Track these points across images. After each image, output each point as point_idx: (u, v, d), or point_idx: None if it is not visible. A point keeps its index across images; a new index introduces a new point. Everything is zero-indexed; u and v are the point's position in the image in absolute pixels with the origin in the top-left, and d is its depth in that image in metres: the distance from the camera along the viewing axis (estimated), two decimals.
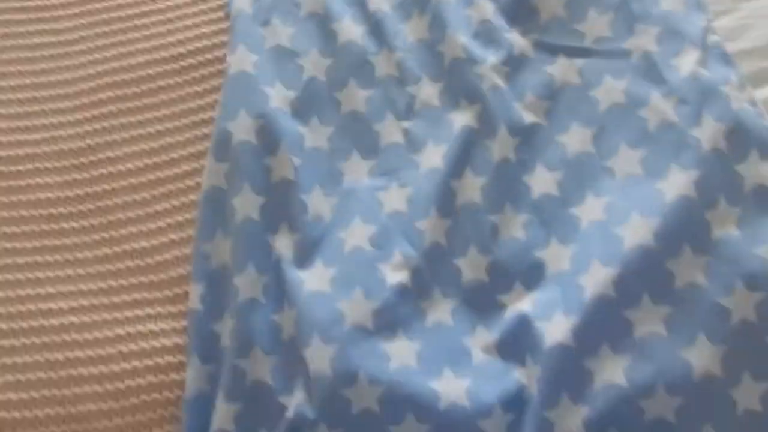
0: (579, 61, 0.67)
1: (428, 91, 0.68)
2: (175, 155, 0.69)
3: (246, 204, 0.63)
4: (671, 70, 0.63)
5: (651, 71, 0.64)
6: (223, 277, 0.61)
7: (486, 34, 0.69)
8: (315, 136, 0.67)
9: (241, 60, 0.69)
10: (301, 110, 0.68)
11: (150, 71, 0.72)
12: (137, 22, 0.75)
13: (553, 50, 0.68)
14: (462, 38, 0.69)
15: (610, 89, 0.65)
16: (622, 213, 0.58)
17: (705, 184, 0.58)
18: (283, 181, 0.64)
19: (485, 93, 0.66)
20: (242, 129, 0.65)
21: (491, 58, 0.68)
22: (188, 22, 0.75)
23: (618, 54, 0.66)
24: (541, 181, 0.63)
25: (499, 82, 0.66)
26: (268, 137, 0.65)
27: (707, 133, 0.59)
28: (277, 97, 0.68)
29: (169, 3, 0.76)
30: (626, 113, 0.63)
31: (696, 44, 0.64)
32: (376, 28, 0.71)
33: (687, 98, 0.62)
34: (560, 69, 0.67)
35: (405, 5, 0.73)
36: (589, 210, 0.60)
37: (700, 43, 0.64)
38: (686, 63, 0.63)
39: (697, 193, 0.57)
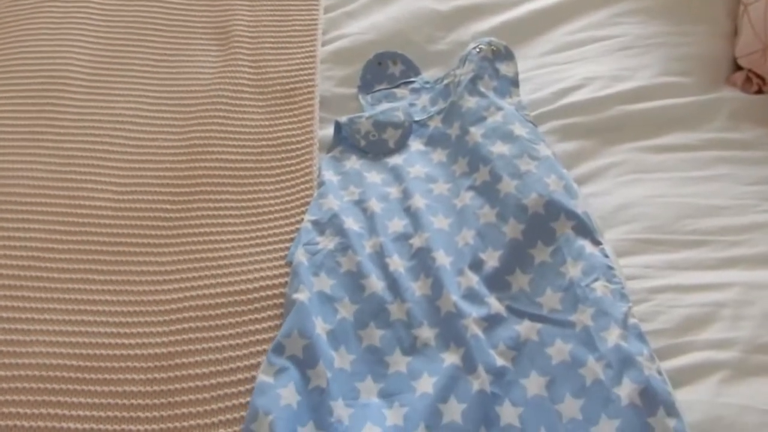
0: (538, 325, 0.86)
1: (427, 334, 0.87)
2: (233, 366, 0.85)
3: (288, 396, 0.79)
4: (602, 341, 0.81)
5: (588, 340, 0.82)
6: None
7: (471, 297, 0.88)
8: (341, 360, 0.85)
9: (302, 296, 0.87)
10: (334, 340, 0.86)
11: (223, 300, 0.90)
12: (220, 262, 0.94)
13: (520, 314, 0.87)
14: (454, 297, 0.88)
15: (560, 349, 0.83)
16: None
17: (625, 431, 0.74)
18: (317, 388, 0.81)
19: (468, 340, 0.84)
20: (293, 345, 0.83)
21: (474, 314, 0.86)
22: (257, 266, 0.94)
23: (566, 324, 0.85)
24: (508, 413, 0.79)
25: (479, 332, 0.85)
26: (311, 354, 0.83)
27: (625, 391, 0.76)
28: (319, 326, 0.86)
29: (244, 251, 0.96)
30: (570, 370, 0.81)
31: (619, 324, 0.82)
32: (393, 284, 0.91)
33: (612, 363, 0.79)
34: (525, 328, 0.86)
35: (415, 269, 0.92)
36: None
37: (623, 324, 0.82)
38: (612, 337, 0.81)
39: None
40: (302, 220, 0.99)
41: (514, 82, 1.12)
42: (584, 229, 0.92)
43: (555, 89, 1.13)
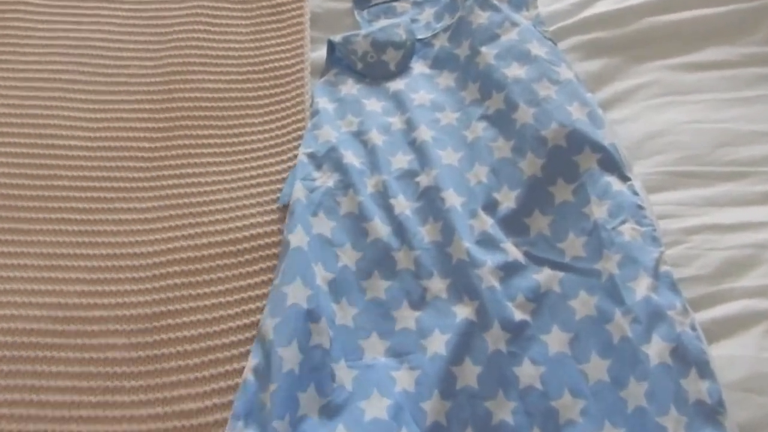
0: (560, 274, 0.77)
1: (438, 286, 0.78)
2: (225, 326, 0.77)
3: (290, 358, 0.70)
4: (629, 293, 0.72)
5: (614, 291, 0.73)
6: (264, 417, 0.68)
7: (486, 243, 0.79)
8: (343, 314, 0.76)
9: (299, 239, 0.78)
10: (335, 291, 0.77)
11: (210, 251, 0.80)
12: (205, 208, 0.84)
13: (539, 261, 0.78)
14: (466, 244, 0.78)
15: (585, 302, 0.74)
16: (596, 420, 0.67)
17: (656, 395, 0.66)
18: (319, 347, 0.72)
19: (483, 292, 0.75)
20: (296, 294, 0.74)
21: (489, 262, 0.77)
22: (246, 211, 0.84)
23: (590, 273, 0.76)
24: (527, 374, 0.71)
25: (495, 283, 0.76)
26: (315, 308, 0.74)
27: (655, 349, 0.68)
28: (320, 276, 0.77)
29: (231, 195, 0.85)
30: (596, 325, 0.72)
31: (649, 272, 0.73)
32: (399, 228, 0.81)
33: (640, 318, 0.70)
34: (545, 277, 0.77)
35: (422, 211, 0.82)
36: (567, 409, 0.68)
37: (653, 272, 0.73)
38: (641, 288, 0.72)
39: (650, 404, 0.66)
40: (294, 156, 0.89)
41: None
42: (611, 162, 0.81)
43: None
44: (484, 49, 0.92)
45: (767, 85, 0.90)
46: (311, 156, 0.87)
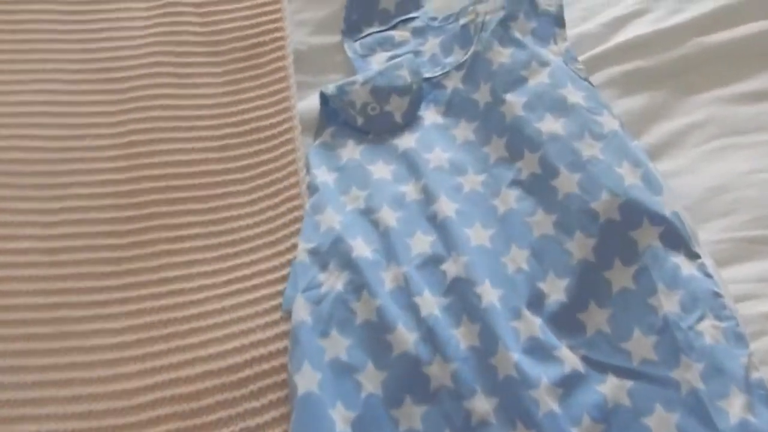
0: (628, 383, 0.64)
1: (484, 407, 0.64)
2: None
3: None
4: (721, 415, 0.60)
5: (699, 409, 0.61)
6: None
7: (536, 351, 0.66)
8: None
9: (308, 379, 0.64)
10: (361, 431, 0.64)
11: (205, 385, 0.66)
12: (192, 324, 0.69)
13: (601, 368, 0.65)
14: (514, 355, 0.65)
15: (663, 420, 0.61)
16: None
17: None
18: None
19: (541, 420, 0.62)
20: None
21: (545, 378, 0.64)
22: (244, 326, 0.69)
23: (666, 383, 0.63)
24: None
25: (554, 406, 0.63)
26: None
27: None
28: (341, 420, 0.63)
29: (223, 304, 0.71)
30: None
31: (740, 385, 0.61)
32: (428, 334, 0.67)
33: None
34: (611, 388, 0.64)
35: (453, 309, 0.69)
36: None
37: (744, 384, 0.61)
38: (735, 408, 0.60)
39: None
40: (293, 246, 0.74)
41: (559, 20, 0.83)
42: (676, 237, 0.68)
43: (606, 18, 0.85)
44: (509, 96, 0.78)
45: None
46: (314, 253, 0.73)
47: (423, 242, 0.73)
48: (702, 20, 0.83)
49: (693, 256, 0.68)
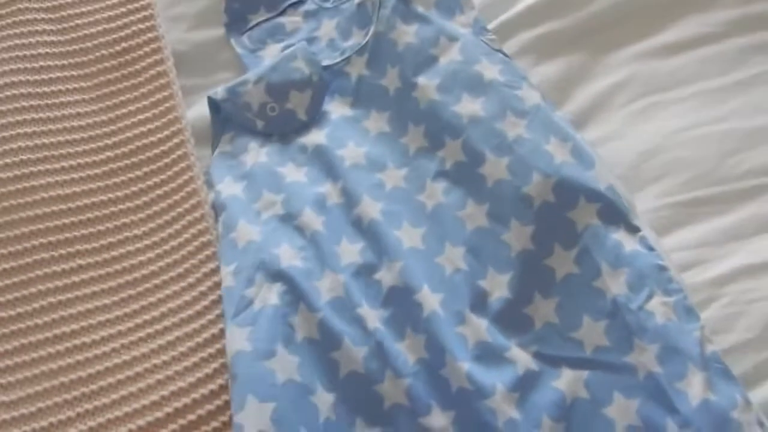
0: (583, 373, 0.60)
1: (441, 422, 0.59)
2: None
3: None
4: (680, 398, 0.56)
5: (659, 394, 0.57)
6: None
7: (486, 357, 0.60)
8: None
9: (256, 418, 0.57)
10: None
11: None
12: (106, 398, 0.60)
13: (555, 362, 0.60)
14: (464, 365, 0.59)
15: (624, 408, 0.57)
16: None
17: None
18: None
19: (501, 429, 0.57)
20: None
21: (499, 385, 0.59)
22: (161, 375, 0.61)
23: (622, 369, 0.59)
24: None
25: (513, 413, 0.58)
26: None
27: None
28: None
29: (135, 354, 0.62)
30: None
31: (696, 363, 0.57)
32: (377, 349, 0.60)
33: (702, 430, 0.56)
34: (567, 383, 0.59)
35: (395, 322, 0.62)
36: None
37: (701, 361, 0.57)
38: (694, 389, 0.57)
39: None
40: (204, 274, 0.66)
41: None
42: (614, 212, 0.64)
43: None
44: (421, 79, 0.71)
45: (762, 58, 0.74)
46: (237, 273, 0.64)
47: (351, 251, 0.65)
48: None
49: (633, 229, 0.63)
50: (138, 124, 0.73)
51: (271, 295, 0.63)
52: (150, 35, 0.76)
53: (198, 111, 0.75)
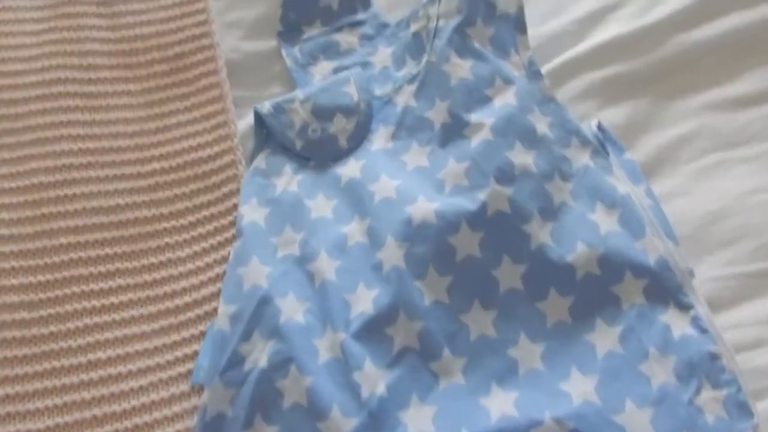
0: None
1: None
2: None
3: None
4: None
5: None
6: None
7: None
8: None
9: None
10: None
11: None
12: (138, 421, 0.58)
13: None
14: None
15: None
16: None
17: None
18: None
19: None
20: None
21: None
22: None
23: None
24: None
25: None
26: None
27: None
28: None
29: (174, 391, 0.59)
30: None
31: None
32: (371, 422, 0.56)
33: None
34: None
35: (402, 387, 0.58)
36: None
37: None
38: None
39: None
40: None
41: (520, 25, 0.71)
42: (663, 288, 0.61)
43: (577, 14, 0.76)
44: (474, 117, 0.67)
45: None
46: (235, 319, 0.60)
47: (364, 299, 0.61)
48: (681, 14, 0.74)
49: (684, 306, 0.60)
50: (187, 136, 0.69)
51: (263, 356, 0.59)
52: (205, 42, 0.73)
53: (247, 125, 0.71)
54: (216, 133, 0.70)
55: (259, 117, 0.70)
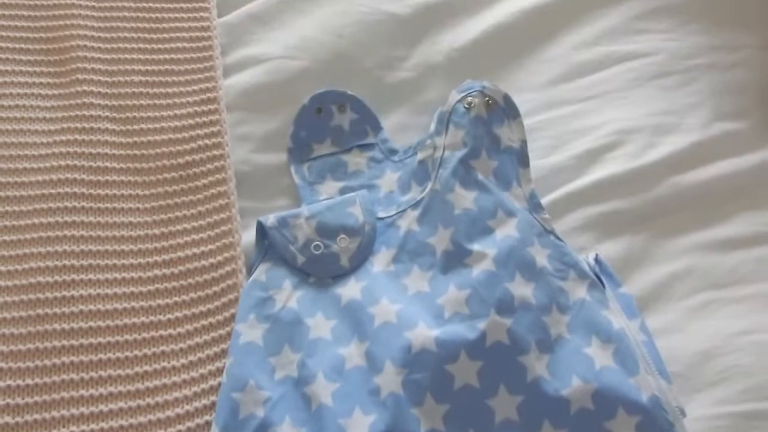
0: None
1: None
2: None
3: None
4: None
5: None
6: None
7: None
8: None
9: None
10: None
11: None
12: None
13: None
14: None
15: None
16: None
17: None
18: None
19: None
20: None
21: None
22: None
23: None
24: None
25: None
26: None
27: None
28: None
29: None
30: None
31: None
32: None
33: None
34: None
35: None
36: None
37: None
38: None
39: None
40: None
41: (523, 158, 0.74)
42: (655, 426, 0.61)
43: (577, 150, 0.79)
44: (477, 246, 0.68)
45: None
46: None
47: (362, 424, 0.60)
48: (676, 157, 0.78)
49: None
50: (192, 244, 0.70)
51: None
52: (216, 152, 0.75)
53: (251, 236, 0.72)
54: (221, 241, 0.70)
55: (261, 228, 0.71)
